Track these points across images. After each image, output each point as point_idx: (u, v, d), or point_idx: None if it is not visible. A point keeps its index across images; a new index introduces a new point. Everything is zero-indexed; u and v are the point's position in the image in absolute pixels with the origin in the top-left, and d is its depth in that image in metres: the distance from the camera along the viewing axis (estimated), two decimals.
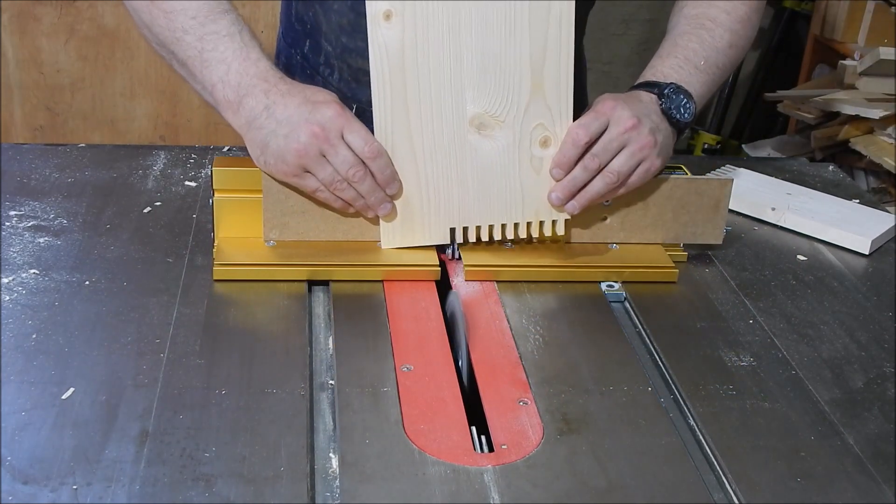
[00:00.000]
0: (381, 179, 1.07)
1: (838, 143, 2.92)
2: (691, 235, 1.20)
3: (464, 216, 1.12)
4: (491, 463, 0.84)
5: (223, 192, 1.10)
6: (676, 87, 1.16)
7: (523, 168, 1.11)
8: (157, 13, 1.12)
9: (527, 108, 1.09)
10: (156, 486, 0.78)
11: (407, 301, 1.07)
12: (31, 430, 0.84)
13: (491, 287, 1.11)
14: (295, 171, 1.05)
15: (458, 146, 1.09)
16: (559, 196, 1.11)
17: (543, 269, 1.13)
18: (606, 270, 1.14)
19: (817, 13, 3.25)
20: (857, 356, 1.04)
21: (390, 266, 1.10)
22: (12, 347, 0.94)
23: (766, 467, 0.86)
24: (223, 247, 1.10)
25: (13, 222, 1.17)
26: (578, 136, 1.08)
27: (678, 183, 1.17)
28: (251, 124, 1.06)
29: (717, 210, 1.18)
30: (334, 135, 1.04)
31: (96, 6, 2.84)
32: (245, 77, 1.07)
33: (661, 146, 1.12)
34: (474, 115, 1.09)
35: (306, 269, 1.08)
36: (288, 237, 1.11)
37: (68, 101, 2.96)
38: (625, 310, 1.11)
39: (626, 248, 1.18)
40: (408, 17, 1.04)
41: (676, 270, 1.15)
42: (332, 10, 1.30)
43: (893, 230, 1.31)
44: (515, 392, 0.94)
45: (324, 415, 0.90)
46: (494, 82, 1.08)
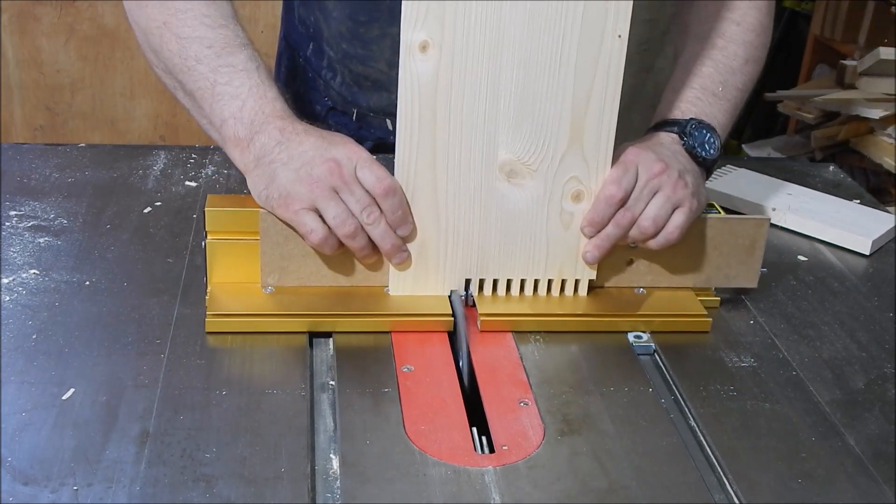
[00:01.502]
0: (391, 220, 0.98)
1: (838, 143, 2.92)
2: (724, 279, 1.10)
3: (483, 267, 1.04)
4: (492, 464, 0.84)
5: (217, 234, 1.01)
6: (698, 123, 1.09)
7: (552, 222, 1.03)
8: (169, 38, 1.06)
9: (562, 159, 1.00)
10: (156, 487, 0.78)
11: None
12: (31, 431, 0.84)
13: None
14: (301, 205, 0.96)
15: (485, 193, 1.00)
16: (595, 255, 1.03)
17: (565, 319, 1.04)
18: (634, 320, 1.05)
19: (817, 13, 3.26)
20: (857, 357, 1.04)
21: (399, 316, 1.01)
22: (12, 348, 0.94)
23: (767, 468, 0.86)
24: (217, 294, 1.01)
25: (13, 222, 1.17)
26: (612, 194, 1.00)
27: (711, 223, 1.07)
28: (260, 160, 0.99)
29: (752, 251, 1.09)
30: (349, 171, 0.96)
31: (96, 6, 2.84)
32: (259, 115, 1.00)
33: (694, 187, 1.04)
34: (505, 161, 1.00)
35: (307, 320, 1.00)
36: (287, 283, 1.02)
37: (68, 101, 2.96)
38: (654, 363, 1.03)
39: (653, 294, 1.08)
40: (446, 49, 0.95)
41: (709, 320, 1.06)
42: (331, 17, 1.30)
43: (894, 230, 1.31)
44: (516, 393, 0.94)
45: (324, 415, 0.90)
46: (531, 128, 0.99)
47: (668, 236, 1.03)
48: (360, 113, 1.36)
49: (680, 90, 1.15)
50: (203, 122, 1.06)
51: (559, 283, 1.06)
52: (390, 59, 1.29)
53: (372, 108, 1.35)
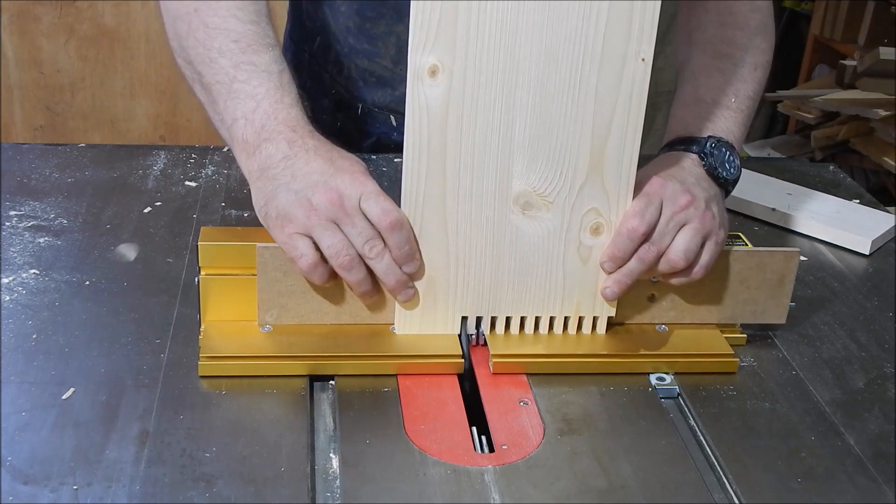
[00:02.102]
0: (397, 255, 0.92)
1: (838, 143, 2.92)
2: (751, 315, 1.04)
3: (495, 304, 0.97)
4: (491, 463, 0.84)
5: (211, 269, 0.95)
6: (717, 142, 1.04)
7: (569, 256, 0.96)
8: (198, 25, 1.02)
9: (581, 189, 0.94)
10: (156, 487, 0.78)
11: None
12: (31, 431, 0.84)
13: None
14: (295, 230, 0.91)
15: (498, 226, 0.94)
16: (615, 291, 0.96)
17: (582, 361, 0.98)
18: (656, 361, 0.98)
19: (817, 13, 3.26)
20: (857, 356, 1.04)
21: (406, 357, 0.95)
22: (12, 347, 0.94)
23: (767, 468, 0.86)
24: (211, 334, 0.94)
25: (13, 222, 1.17)
26: (635, 228, 0.94)
27: (737, 256, 1.01)
28: (264, 172, 0.94)
29: (781, 286, 1.02)
30: (352, 204, 0.90)
31: (96, 6, 2.84)
32: (271, 121, 0.95)
33: (720, 217, 0.99)
34: (520, 192, 0.93)
35: (308, 363, 0.94)
36: (286, 321, 0.96)
37: (68, 101, 2.96)
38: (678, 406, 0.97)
39: (676, 331, 1.02)
40: (457, 74, 0.88)
41: (736, 360, 0.99)
42: (339, 12, 1.31)
43: (894, 230, 1.31)
44: (516, 392, 0.94)
45: (324, 415, 0.90)
46: (548, 156, 0.92)
47: (695, 275, 0.98)
48: (364, 108, 1.36)
49: (692, 105, 1.11)
50: (215, 119, 1.02)
51: (576, 320, 1.00)
52: (395, 56, 1.30)
53: (376, 103, 1.35)
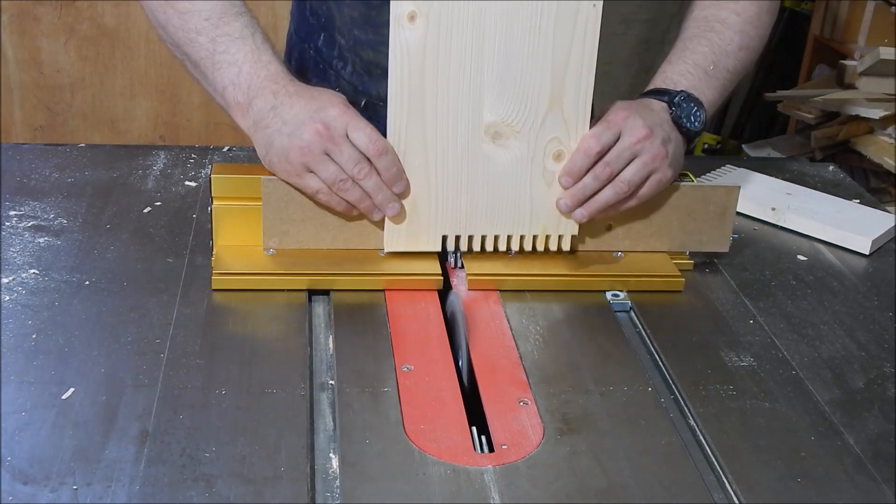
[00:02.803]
0: (386, 177, 1.05)
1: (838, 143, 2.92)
2: (697, 243, 1.17)
3: (471, 224, 1.10)
4: (491, 463, 0.84)
5: (222, 199, 1.08)
6: (687, 96, 1.14)
7: (535, 180, 1.09)
8: (172, 13, 1.12)
9: (544, 121, 1.07)
10: (156, 487, 0.78)
11: (408, 309, 1.05)
12: (31, 431, 0.84)
13: (493, 296, 1.09)
14: (298, 170, 1.03)
15: (472, 153, 1.07)
16: (567, 203, 1.09)
17: (548, 279, 1.11)
18: (612, 280, 1.12)
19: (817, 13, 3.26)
20: (857, 356, 1.04)
21: (392, 275, 1.08)
22: (12, 347, 0.94)
23: (767, 467, 0.86)
24: (222, 255, 1.08)
25: (13, 222, 1.17)
26: (590, 147, 1.07)
27: (684, 191, 1.14)
28: (258, 124, 1.06)
29: (723, 217, 1.16)
30: (338, 133, 1.03)
31: (96, 6, 2.84)
32: (255, 79, 1.07)
33: (673, 157, 1.11)
34: (490, 123, 1.06)
35: (306, 279, 1.07)
36: (287, 245, 1.09)
37: (68, 101, 2.96)
38: (630, 319, 1.10)
39: (631, 257, 1.15)
40: (432, 18, 1.02)
41: (682, 279, 1.13)
42: (344, 4, 1.31)
43: (894, 230, 1.31)
44: (515, 392, 0.94)
45: (324, 415, 0.90)
46: (514, 91, 1.05)
47: (638, 200, 1.10)
48: (369, 102, 1.37)
49: (674, 63, 1.21)
50: (210, 91, 1.12)
51: (543, 238, 1.12)
52: None
53: (382, 97, 1.35)
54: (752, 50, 1.26)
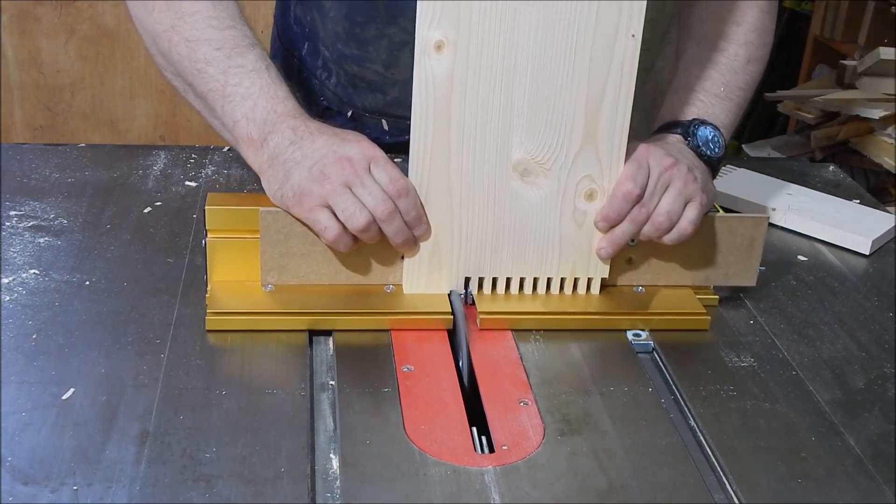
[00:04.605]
0: (407, 220, 0.98)
1: (838, 143, 2.92)
2: (723, 277, 1.10)
3: (495, 266, 1.04)
4: (491, 463, 0.84)
5: (217, 232, 1.01)
6: (701, 123, 1.10)
7: (564, 220, 1.03)
8: (178, 41, 1.06)
9: (576, 158, 1.00)
10: (156, 487, 0.78)
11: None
12: (31, 431, 0.84)
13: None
14: (314, 203, 0.96)
15: (499, 191, 1.01)
16: (609, 251, 1.03)
17: (565, 318, 1.04)
18: (633, 318, 1.05)
19: (817, 13, 3.26)
20: (857, 357, 1.04)
21: (399, 314, 1.01)
22: (12, 347, 0.94)
23: (767, 468, 0.86)
24: (217, 292, 1.01)
25: (13, 222, 1.17)
26: (630, 191, 1.00)
27: (709, 221, 1.07)
28: (274, 160, 1.00)
29: (751, 250, 1.09)
30: (361, 167, 0.97)
31: (96, 6, 2.84)
32: (272, 114, 1.01)
33: (703, 182, 1.05)
34: (519, 159, 1.00)
35: (307, 318, 1.00)
36: (287, 281, 1.02)
37: (68, 101, 2.96)
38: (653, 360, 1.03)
39: (652, 292, 1.08)
40: (461, 48, 0.95)
41: (708, 318, 1.06)
42: (328, 17, 1.30)
43: (894, 230, 1.31)
44: (516, 392, 0.94)
45: (324, 415, 0.90)
46: (545, 127, 0.99)
47: (682, 231, 1.03)
48: (355, 113, 1.36)
49: (681, 92, 1.16)
50: (215, 124, 1.06)
51: (571, 281, 1.06)
52: (386, 61, 1.29)
53: (367, 108, 1.35)
54: (761, 59, 1.21)
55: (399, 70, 1.29)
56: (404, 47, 1.26)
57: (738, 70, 1.17)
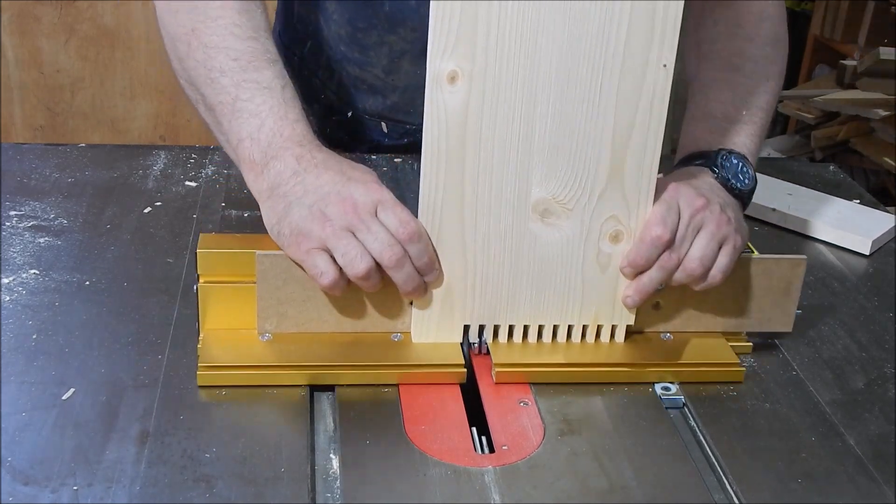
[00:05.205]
0: (418, 266, 0.91)
1: (838, 143, 2.92)
2: (757, 323, 1.02)
3: (513, 313, 0.96)
4: (492, 464, 0.84)
5: (210, 276, 0.94)
6: (728, 153, 1.04)
7: (587, 264, 0.95)
8: (196, 46, 0.99)
9: (601, 197, 0.93)
10: (156, 487, 0.78)
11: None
12: (31, 431, 0.84)
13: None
14: (311, 245, 0.89)
15: (517, 233, 0.93)
16: (636, 300, 0.96)
17: (587, 371, 0.96)
18: (661, 371, 0.97)
19: (817, 13, 3.26)
20: (857, 357, 1.04)
21: (407, 367, 0.94)
22: (12, 347, 0.94)
23: (767, 468, 0.86)
24: (209, 343, 0.93)
25: (13, 222, 1.17)
26: (660, 236, 0.93)
27: (743, 263, 0.99)
28: (275, 190, 0.92)
29: (787, 293, 1.01)
30: (366, 211, 0.89)
31: (96, 6, 2.84)
32: (277, 138, 0.94)
33: (737, 222, 0.98)
34: (539, 199, 0.92)
35: (307, 373, 0.92)
36: (286, 329, 0.94)
37: (68, 101, 2.96)
38: (682, 415, 0.95)
39: (681, 339, 1.01)
40: (476, 80, 0.87)
41: (743, 369, 0.98)
42: (331, 20, 1.29)
43: (894, 230, 1.31)
44: (516, 393, 0.94)
45: (324, 415, 0.90)
46: (567, 164, 0.91)
47: (715, 278, 0.96)
48: (355, 115, 1.35)
49: (701, 120, 1.10)
50: (221, 139, 1.01)
51: (594, 328, 0.99)
52: (387, 67, 1.29)
53: (367, 111, 1.35)
54: (779, 74, 1.15)
55: (399, 77, 1.29)
56: (404, 55, 1.26)
57: (758, 90, 1.12)
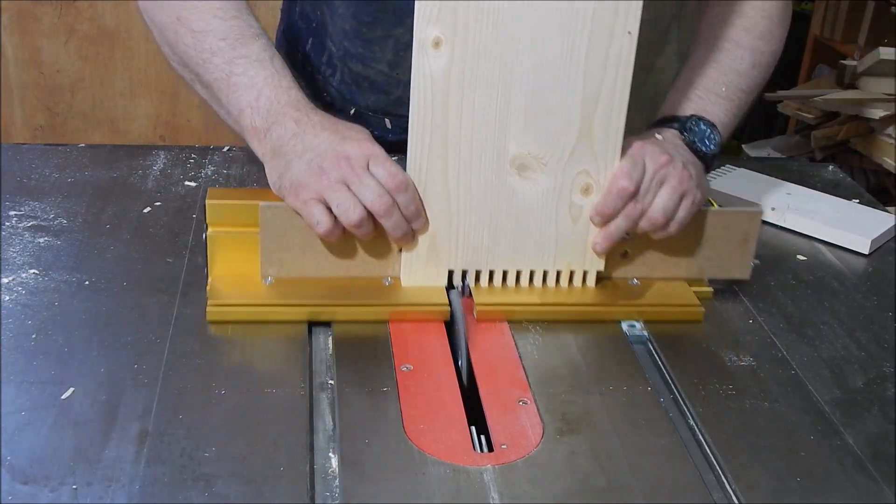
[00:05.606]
0: (406, 214, 1.00)
1: (838, 143, 2.92)
2: (717, 270, 1.11)
3: (492, 259, 1.05)
4: (490, 463, 0.84)
5: (217, 226, 1.02)
6: (698, 119, 1.12)
7: (561, 215, 1.04)
8: (184, 32, 1.08)
9: (572, 153, 1.02)
10: (156, 486, 0.78)
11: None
12: (30, 430, 0.84)
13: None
14: (310, 196, 0.97)
15: (496, 186, 1.02)
16: (604, 246, 1.05)
17: (561, 309, 1.05)
18: (628, 310, 1.06)
19: (817, 13, 3.26)
20: (856, 356, 1.04)
21: (396, 305, 1.03)
22: (12, 347, 0.94)
23: (766, 467, 0.86)
24: (217, 285, 1.02)
25: (13, 222, 1.17)
26: (625, 188, 1.01)
27: (703, 215, 1.08)
28: (277, 150, 1.02)
29: (745, 244, 1.10)
30: (359, 165, 0.98)
31: (96, 6, 2.85)
32: (275, 104, 1.03)
33: (698, 178, 1.06)
34: (516, 155, 1.01)
35: (306, 310, 1.01)
36: (287, 274, 1.03)
37: (68, 101, 2.96)
38: (648, 351, 1.04)
39: (647, 285, 1.10)
40: (458, 45, 0.96)
41: (702, 309, 1.07)
42: (336, 14, 1.30)
43: (893, 230, 1.31)
44: (515, 392, 0.94)
45: (323, 414, 0.90)
46: (542, 123, 1.00)
47: (677, 227, 1.05)
48: (357, 111, 1.36)
49: (682, 89, 1.17)
50: (221, 113, 1.09)
51: (567, 274, 1.07)
52: (392, 61, 1.29)
53: (370, 107, 1.35)
54: (767, 66, 1.22)
55: (404, 70, 1.29)
56: (410, 48, 1.26)
57: (742, 73, 1.19)
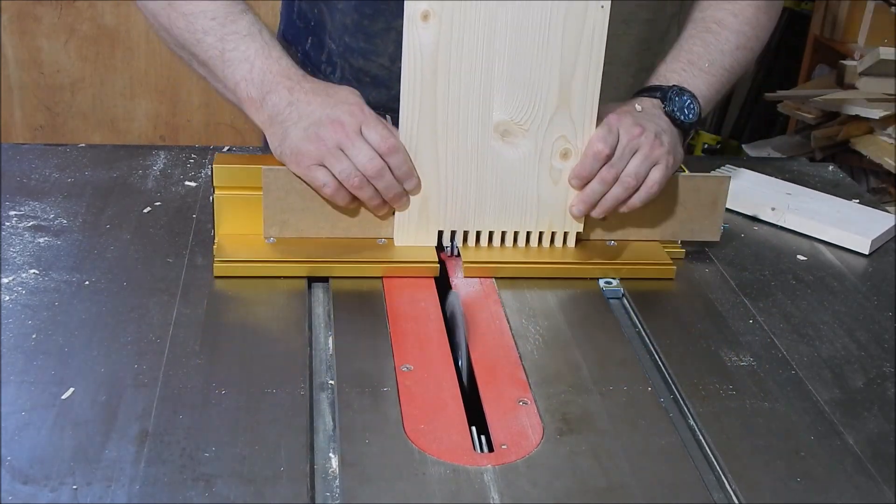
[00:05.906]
0: (397, 175, 1.07)
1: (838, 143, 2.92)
2: (689, 232, 1.20)
3: (479, 220, 1.13)
4: (491, 463, 0.84)
5: (223, 189, 1.11)
6: (679, 90, 1.18)
7: (542, 178, 1.12)
8: (176, 16, 1.14)
9: (551, 120, 1.10)
10: (156, 486, 0.78)
11: (407, 299, 1.07)
12: (30, 430, 0.84)
13: (490, 285, 1.11)
14: (309, 162, 1.05)
15: (481, 151, 1.10)
16: (581, 209, 1.12)
17: (543, 266, 1.14)
18: (605, 267, 1.15)
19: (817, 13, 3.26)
20: (856, 356, 1.04)
21: (390, 263, 1.11)
22: (12, 347, 0.94)
23: (766, 467, 0.86)
24: (223, 244, 1.11)
25: (13, 222, 1.17)
26: (600, 151, 1.09)
27: (676, 180, 1.17)
28: (274, 119, 1.08)
29: (714, 207, 1.19)
30: (353, 130, 1.05)
31: (96, 6, 2.84)
32: (268, 74, 1.09)
33: (670, 146, 1.13)
34: (500, 121, 1.09)
35: (306, 266, 1.09)
36: (288, 234, 1.12)
37: (68, 101, 2.96)
38: (623, 307, 1.12)
39: (624, 246, 1.18)
40: (445, 18, 1.05)
41: (674, 267, 1.16)
42: (336, 9, 1.31)
43: (893, 230, 1.31)
44: (515, 392, 0.94)
45: (324, 415, 0.90)
46: (523, 91, 1.08)
47: (648, 191, 1.11)
48: None
49: (669, 63, 1.24)
50: (219, 87, 1.14)
51: (549, 235, 1.16)
52: (393, 54, 1.30)
53: (371, 103, 1.35)
54: (750, 50, 1.28)
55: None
56: None
57: (726, 52, 1.25)
